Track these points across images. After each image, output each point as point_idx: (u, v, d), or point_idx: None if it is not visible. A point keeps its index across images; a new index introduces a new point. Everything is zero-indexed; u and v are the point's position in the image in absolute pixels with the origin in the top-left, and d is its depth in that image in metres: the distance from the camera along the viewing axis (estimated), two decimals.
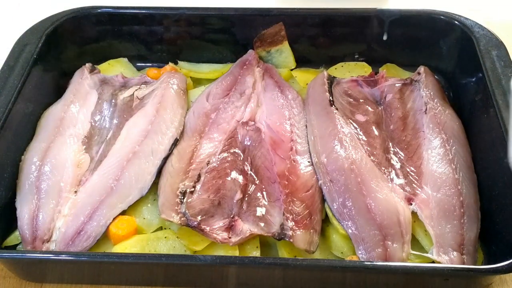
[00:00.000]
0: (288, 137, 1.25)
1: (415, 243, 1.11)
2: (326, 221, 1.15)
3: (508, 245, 1.05)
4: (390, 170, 1.18)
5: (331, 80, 1.36)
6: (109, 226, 1.12)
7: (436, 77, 1.38)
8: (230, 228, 1.10)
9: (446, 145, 1.20)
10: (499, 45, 1.29)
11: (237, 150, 1.23)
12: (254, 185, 1.16)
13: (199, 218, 1.10)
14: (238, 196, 1.14)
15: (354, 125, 1.26)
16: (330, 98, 1.30)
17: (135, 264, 1.02)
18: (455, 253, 1.06)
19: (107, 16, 1.46)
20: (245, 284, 1.09)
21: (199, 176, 1.18)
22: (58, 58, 1.43)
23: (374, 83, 1.36)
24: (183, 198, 1.14)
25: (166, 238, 1.11)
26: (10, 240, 1.13)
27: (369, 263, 1.03)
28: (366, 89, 1.35)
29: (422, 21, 1.40)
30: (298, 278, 1.06)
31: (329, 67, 1.46)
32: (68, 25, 1.42)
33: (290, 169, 1.19)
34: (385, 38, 1.40)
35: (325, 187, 1.16)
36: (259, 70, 1.40)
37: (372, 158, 1.19)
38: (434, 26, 1.40)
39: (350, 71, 1.44)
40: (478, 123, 1.24)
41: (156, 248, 1.10)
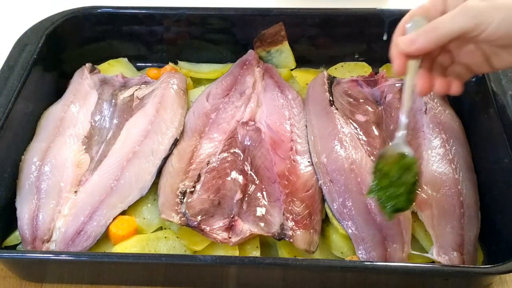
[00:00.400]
0: (288, 137, 1.25)
1: (415, 243, 1.11)
2: (326, 221, 1.15)
3: (508, 245, 1.05)
4: None
5: (331, 80, 1.36)
6: (109, 226, 1.12)
7: None
8: (230, 228, 1.10)
9: (446, 145, 1.20)
10: None
11: (237, 150, 1.23)
12: (254, 185, 1.16)
13: (199, 218, 1.10)
14: (238, 196, 1.14)
15: (354, 125, 1.26)
16: (330, 98, 1.30)
17: (135, 264, 1.02)
18: (455, 253, 1.06)
19: (107, 16, 1.45)
20: (245, 284, 1.09)
21: (199, 176, 1.18)
22: (58, 58, 1.43)
23: (374, 83, 1.36)
24: (183, 198, 1.14)
25: (166, 238, 1.11)
26: (10, 240, 1.13)
27: (369, 263, 1.03)
28: (366, 89, 1.35)
29: None
30: (298, 278, 1.06)
31: (329, 67, 1.46)
32: (68, 25, 1.42)
33: (290, 169, 1.19)
34: (385, 38, 1.40)
35: (325, 187, 1.16)
36: (259, 70, 1.40)
37: (372, 158, 1.19)
38: None
39: (350, 71, 1.44)
40: (478, 123, 1.24)
41: (156, 248, 1.10)
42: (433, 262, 1.06)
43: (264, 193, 1.15)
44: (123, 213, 1.14)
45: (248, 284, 1.09)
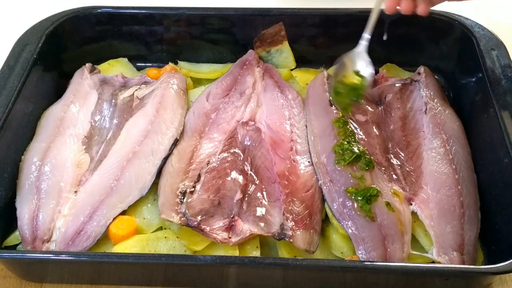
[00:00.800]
0: (288, 137, 1.25)
1: (415, 243, 1.11)
2: (326, 221, 1.15)
3: (508, 245, 1.05)
4: (390, 170, 1.18)
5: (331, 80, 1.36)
6: (109, 226, 1.12)
7: (436, 77, 1.38)
8: (230, 228, 1.10)
9: (446, 145, 1.20)
10: (499, 45, 1.29)
11: (237, 150, 1.23)
12: (254, 185, 1.16)
13: (199, 218, 1.10)
14: (238, 196, 1.14)
15: (354, 125, 1.25)
16: (330, 98, 1.30)
17: (135, 264, 1.02)
18: (455, 253, 1.06)
19: (107, 16, 1.45)
20: (245, 284, 1.09)
21: (199, 176, 1.18)
22: (58, 58, 1.43)
23: (374, 83, 1.36)
24: (183, 198, 1.14)
25: (166, 238, 1.11)
26: (10, 240, 1.13)
27: (369, 263, 1.03)
28: None
29: (422, 21, 1.39)
30: (298, 278, 1.06)
31: (329, 67, 1.46)
32: (68, 25, 1.42)
33: (290, 169, 1.19)
34: (385, 38, 1.40)
35: (325, 187, 1.16)
36: (259, 70, 1.40)
37: (372, 158, 1.18)
38: (434, 26, 1.40)
39: None
40: (478, 123, 1.24)
41: (156, 248, 1.10)
42: (433, 262, 1.06)
43: (264, 193, 1.15)
44: (123, 213, 1.14)
45: (248, 284, 1.09)
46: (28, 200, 1.14)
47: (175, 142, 1.24)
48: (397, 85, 1.34)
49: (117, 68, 1.48)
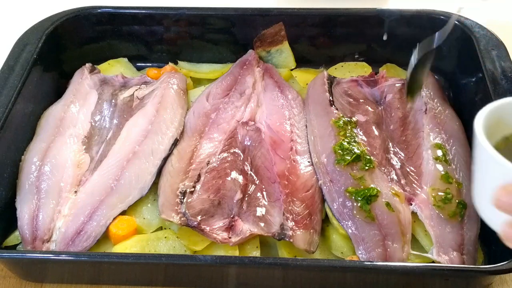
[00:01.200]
0: (288, 137, 1.25)
1: (415, 243, 1.11)
2: (326, 221, 1.15)
3: None
4: (390, 170, 1.18)
5: (331, 80, 1.36)
6: (109, 226, 1.12)
7: (436, 77, 1.38)
8: (230, 228, 1.10)
9: (446, 145, 1.20)
10: (499, 45, 1.29)
11: (237, 150, 1.23)
12: (254, 185, 1.16)
13: (199, 218, 1.10)
14: (238, 196, 1.14)
15: (354, 125, 1.25)
16: (330, 98, 1.30)
17: (135, 264, 1.02)
18: (455, 253, 1.06)
19: (107, 16, 1.45)
20: (245, 284, 1.09)
21: (199, 176, 1.18)
22: (58, 58, 1.43)
23: (374, 83, 1.36)
24: (183, 198, 1.14)
25: (166, 238, 1.11)
26: (10, 240, 1.13)
27: (369, 263, 1.03)
28: (366, 89, 1.35)
29: (422, 21, 1.40)
30: (298, 278, 1.06)
31: (329, 67, 1.46)
32: (68, 25, 1.42)
33: (290, 169, 1.19)
34: (385, 38, 1.40)
35: (325, 187, 1.16)
36: (259, 70, 1.40)
37: (371, 158, 1.18)
38: (434, 26, 1.40)
39: (350, 71, 1.44)
40: None
41: (156, 248, 1.10)
42: (433, 262, 1.06)
43: (264, 193, 1.15)
44: (123, 213, 1.14)
45: (248, 284, 1.09)
46: (28, 200, 1.14)
47: (175, 142, 1.24)
48: (397, 85, 1.34)
49: (117, 68, 1.48)
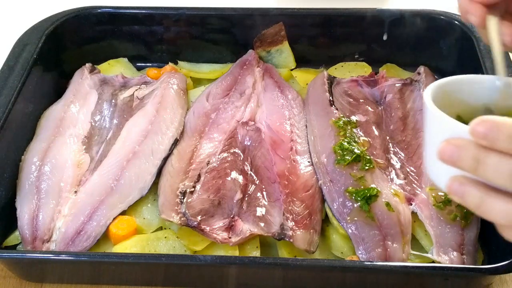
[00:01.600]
0: (288, 137, 1.25)
1: (415, 243, 1.11)
2: (326, 221, 1.15)
3: (508, 245, 1.04)
4: (390, 170, 1.18)
5: (331, 80, 1.36)
6: (109, 226, 1.12)
7: (436, 77, 1.38)
8: (230, 228, 1.10)
9: None
10: None
11: (237, 150, 1.23)
12: (254, 185, 1.16)
13: (199, 218, 1.10)
14: (238, 196, 1.14)
15: (354, 125, 1.25)
16: (330, 98, 1.30)
17: (135, 264, 1.02)
18: (455, 253, 1.06)
19: (107, 16, 1.45)
20: (245, 284, 1.09)
21: (199, 176, 1.18)
22: (58, 58, 1.43)
23: (374, 83, 1.36)
24: (183, 198, 1.14)
25: (166, 238, 1.11)
26: (10, 240, 1.13)
27: (369, 263, 1.03)
28: (366, 89, 1.35)
29: (422, 21, 1.40)
30: (298, 278, 1.06)
31: (329, 67, 1.46)
32: (68, 25, 1.42)
33: (290, 169, 1.19)
34: (385, 38, 1.40)
35: (325, 187, 1.16)
36: (259, 70, 1.40)
37: (372, 158, 1.18)
38: (434, 26, 1.40)
39: (350, 71, 1.44)
40: None
41: (156, 248, 1.10)
42: (433, 262, 1.06)
43: (264, 193, 1.15)
44: (123, 213, 1.14)
45: (248, 284, 1.09)
46: (28, 200, 1.14)
47: (175, 142, 1.24)
48: (397, 85, 1.34)
49: (117, 68, 1.48)
